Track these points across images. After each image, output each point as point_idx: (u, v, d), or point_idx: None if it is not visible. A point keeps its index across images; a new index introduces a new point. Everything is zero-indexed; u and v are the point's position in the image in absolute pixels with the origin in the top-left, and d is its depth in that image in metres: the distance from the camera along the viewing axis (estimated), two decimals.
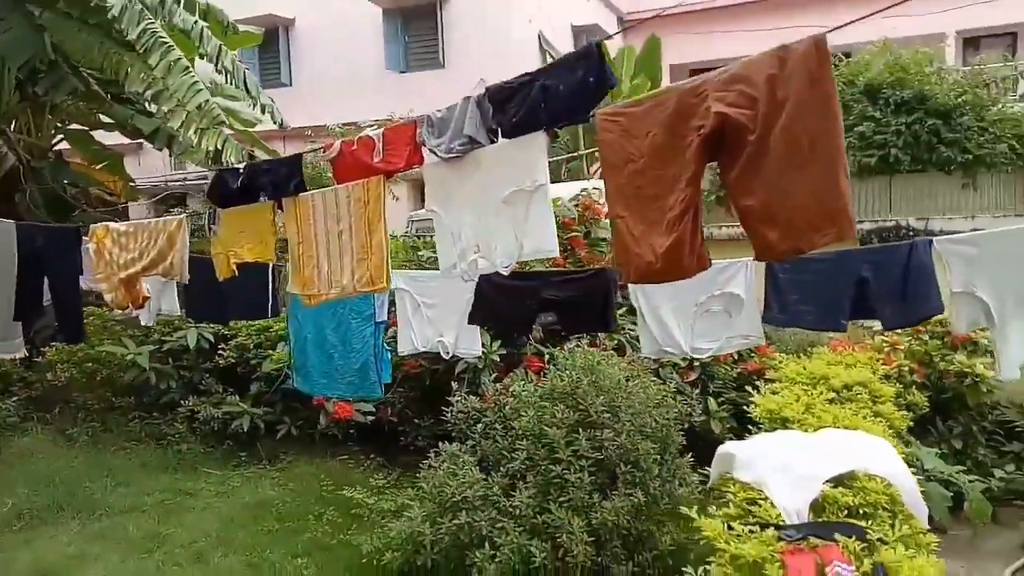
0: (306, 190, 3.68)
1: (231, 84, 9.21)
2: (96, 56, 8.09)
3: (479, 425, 4.97)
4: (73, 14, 8.38)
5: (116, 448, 7.69)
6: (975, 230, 4.83)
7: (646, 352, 4.05)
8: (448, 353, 4.55)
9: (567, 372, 4.78)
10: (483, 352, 5.29)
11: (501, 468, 4.70)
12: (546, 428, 4.52)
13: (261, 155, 9.09)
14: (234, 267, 4.08)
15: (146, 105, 9.57)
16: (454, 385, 5.80)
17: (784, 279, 3.69)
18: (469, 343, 4.50)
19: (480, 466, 4.76)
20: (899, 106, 11.91)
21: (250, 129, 10.20)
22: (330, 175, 3.59)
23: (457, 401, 5.21)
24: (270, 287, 5.12)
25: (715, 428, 5.80)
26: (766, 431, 4.45)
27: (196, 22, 8.60)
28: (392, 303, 4.75)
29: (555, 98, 2.97)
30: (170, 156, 9.45)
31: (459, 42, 18.18)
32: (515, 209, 3.11)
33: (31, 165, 9.61)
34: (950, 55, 20.84)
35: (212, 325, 7.70)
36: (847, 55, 13.08)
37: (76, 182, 10.52)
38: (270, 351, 7.57)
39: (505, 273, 3.26)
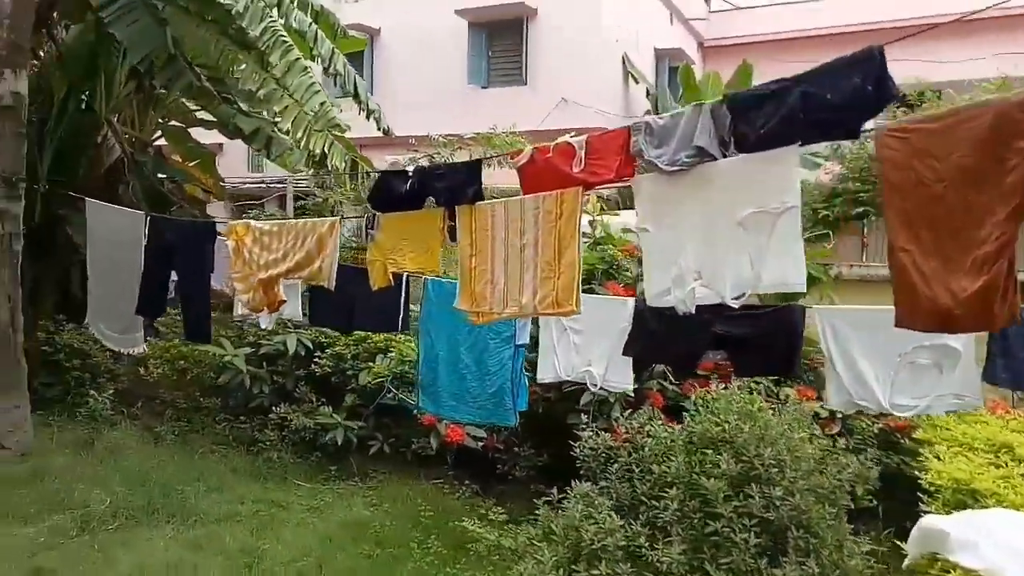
0: (483, 199, 3.39)
1: (338, 87, 9.11)
2: (212, 52, 8.05)
3: (614, 465, 4.58)
4: (192, 9, 8.38)
5: (204, 450, 7.53)
6: None
7: (834, 404, 3.64)
8: (596, 385, 4.21)
9: (721, 416, 4.36)
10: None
11: (640, 516, 4.30)
12: (700, 477, 4.11)
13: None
14: (391, 276, 3.81)
15: (242, 106, 9.53)
16: (583, 417, 5.42)
17: (1017, 332, 3.23)
18: (620, 376, 4.16)
19: (616, 512, 4.37)
20: None
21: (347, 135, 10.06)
22: None
23: (588, 436, 4.83)
24: (402, 299, 4.85)
25: (858, 491, 5.29)
26: (944, 504, 4.00)
27: (311, 24, 8.52)
28: (535, 325, 4.43)
29: (819, 108, 2.60)
30: (267, 158, 9.34)
31: (543, 60, 18.02)
32: (754, 234, 2.75)
33: (134, 158, 9.64)
34: None
35: (311, 330, 7.51)
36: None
37: (173, 177, 10.55)
38: (368, 363, 7.33)
39: (735, 306, 2.89)
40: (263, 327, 5.57)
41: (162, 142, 11.51)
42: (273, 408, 7.57)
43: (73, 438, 7.54)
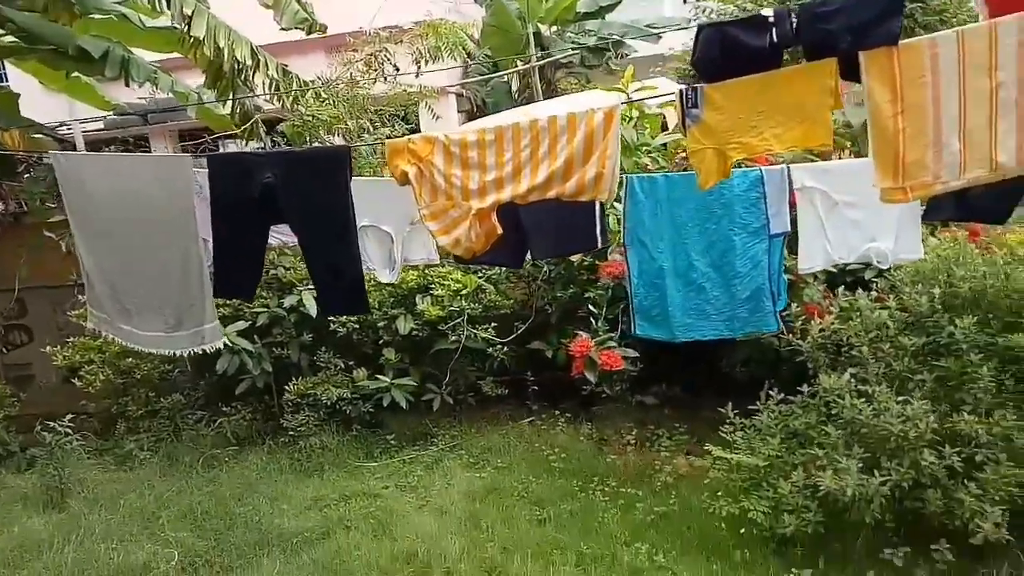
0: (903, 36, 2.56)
1: None
2: None
3: (859, 348, 4.16)
4: None
5: (226, 458, 5.90)
6: None
7: None
8: (886, 262, 3.70)
9: (971, 273, 4.09)
10: None
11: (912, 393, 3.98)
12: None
13: None
14: (731, 168, 2.87)
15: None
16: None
17: None
18: (912, 245, 3.69)
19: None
20: None
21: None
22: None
23: (816, 324, 4.33)
24: (597, 209, 3.87)
25: None
26: None
27: None
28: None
29: None
30: (126, 85, 7.14)
31: None
32: None
33: None
34: None
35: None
36: None
37: None
38: (398, 310, 6.10)
39: None
40: (384, 281, 4.19)
41: None
42: (286, 387, 6.08)
43: (24, 491, 5.51)
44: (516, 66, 13.64)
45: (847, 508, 3.76)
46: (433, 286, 6.10)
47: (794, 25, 2.67)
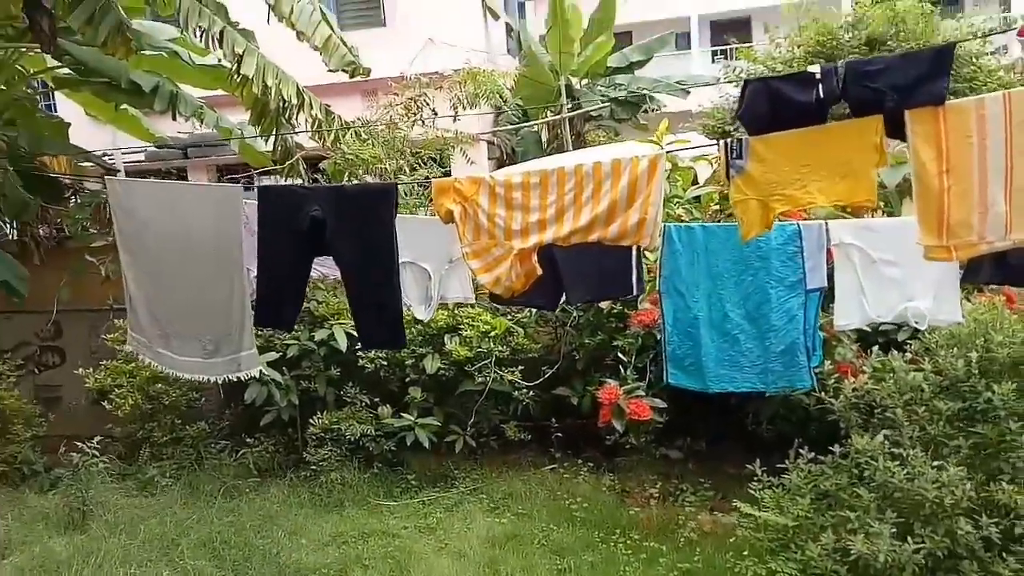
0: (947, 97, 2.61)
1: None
2: None
3: (893, 410, 4.11)
4: None
5: (248, 489, 5.89)
6: None
7: None
8: (923, 323, 3.69)
9: (1009, 338, 4.06)
10: None
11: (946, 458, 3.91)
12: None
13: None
14: (774, 220, 2.91)
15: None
16: None
17: None
18: (950, 307, 3.67)
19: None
20: None
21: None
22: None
23: (849, 383, 4.30)
24: (633, 254, 3.91)
25: None
26: None
27: None
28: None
29: None
30: (173, 119, 7.38)
31: (402, 0, 16.51)
32: None
33: None
34: (695, 39, 22.66)
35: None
36: None
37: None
38: (425, 349, 6.13)
39: None
40: (420, 318, 4.24)
41: None
42: (311, 421, 6.09)
43: (46, 511, 5.53)
44: (547, 116, 13.92)
45: (878, 574, 3.67)
46: (462, 326, 6.14)
47: (840, 82, 2.73)
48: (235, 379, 4.03)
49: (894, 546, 3.60)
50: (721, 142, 2.96)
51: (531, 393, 6.05)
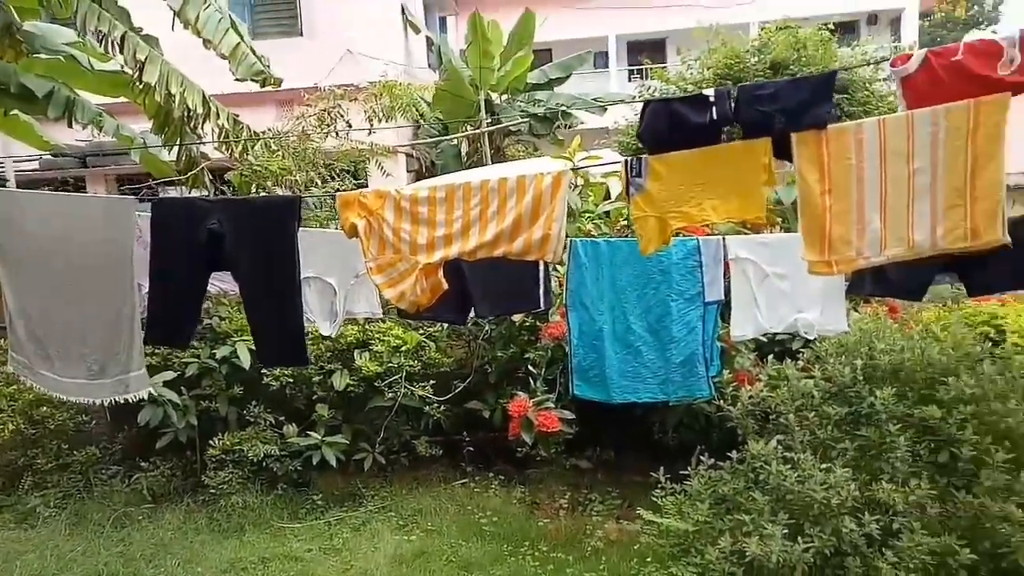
0: (833, 120, 2.74)
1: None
2: None
3: (786, 416, 4.29)
4: None
5: (140, 517, 5.58)
6: None
7: None
8: (812, 333, 3.87)
9: (890, 347, 4.31)
10: None
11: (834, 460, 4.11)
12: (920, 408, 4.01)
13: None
14: (671, 236, 2.99)
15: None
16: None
17: None
18: (836, 318, 3.86)
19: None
20: None
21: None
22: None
23: (746, 391, 4.46)
24: (540, 271, 3.95)
25: None
26: None
27: None
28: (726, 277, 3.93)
29: None
30: (69, 126, 7.04)
31: (320, 9, 16.28)
32: None
33: None
34: (612, 59, 23.61)
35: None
36: None
37: None
38: (334, 365, 6.00)
39: None
40: (325, 334, 4.12)
41: None
42: (211, 443, 5.85)
43: None
44: (466, 130, 13.97)
45: (772, 575, 3.81)
46: (373, 341, 6.04)
47: (733, 105, 2.85)
48: (123, 401, 3.81)
49: (786, 546, 3.74)
50: (622, 160, 3.03)
51: (442, 408, 6.00)
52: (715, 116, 2.87)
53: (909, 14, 22.70)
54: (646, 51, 22.60)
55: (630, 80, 23.47)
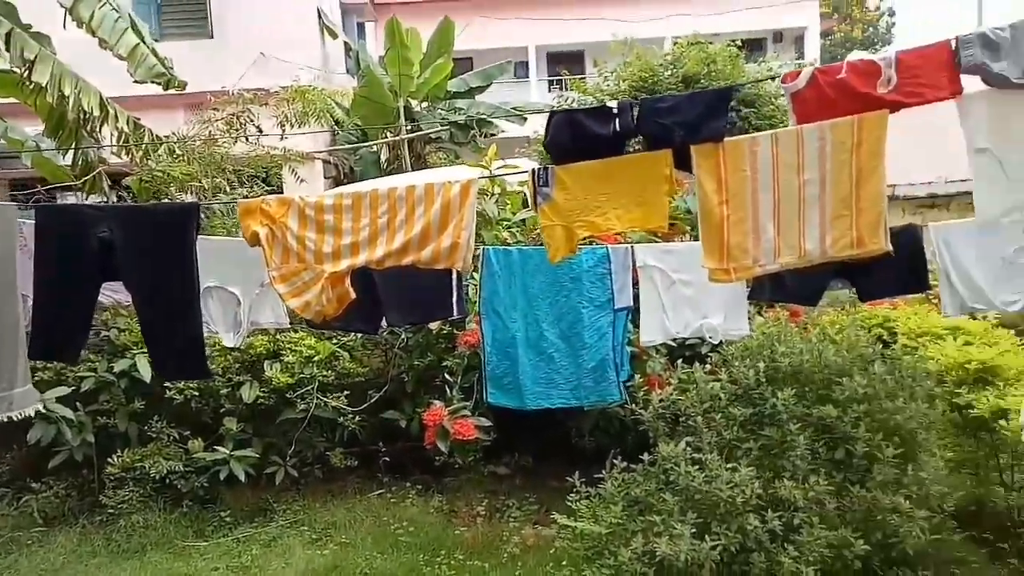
0: (735, 133, 2.84)
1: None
2: None
3: (694, 418, 4.41)
4: None
5: (30, 541, 5.23)
6: None
7: (951, 312, 4.00)
8: (716, 337, 3.99)
9: (785, 350, 4.49)
10: None
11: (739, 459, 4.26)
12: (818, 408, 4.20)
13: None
14: (577, 243, 3.02)
15: None
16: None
17: None
18: (739, 322, 4.01)
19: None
20: None
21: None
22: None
23: (656, 394, 4.55)
24: (454, 279, 3.93)
25: None
26: None
27: None
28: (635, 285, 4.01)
29: None
30: None
31: (232, 10, 15.80)
32: None
33: None
34: (532, 69, 24.22)
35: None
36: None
37: None
38: (243, 377, 5.80)
39: None
40: (228, 345, 3.94)
41: None
42: (109, 460, 5.54)
43: None
44: (385, 137, 13.82)
45: (681, 573, 3.90)
46: (284, 352, 5.87)
47: (635, 117, 2.92)
48: (6, 419, 3.56)
49: (694, 545, 3.83)
50: (530, 170, 3.05)
51: (357, 418, 5.88)
52: (618, 128, 2.94)
53: (811, 33, 23.97)
54: (565, 62, 22.96)
55: (550, 90, 23.77)
